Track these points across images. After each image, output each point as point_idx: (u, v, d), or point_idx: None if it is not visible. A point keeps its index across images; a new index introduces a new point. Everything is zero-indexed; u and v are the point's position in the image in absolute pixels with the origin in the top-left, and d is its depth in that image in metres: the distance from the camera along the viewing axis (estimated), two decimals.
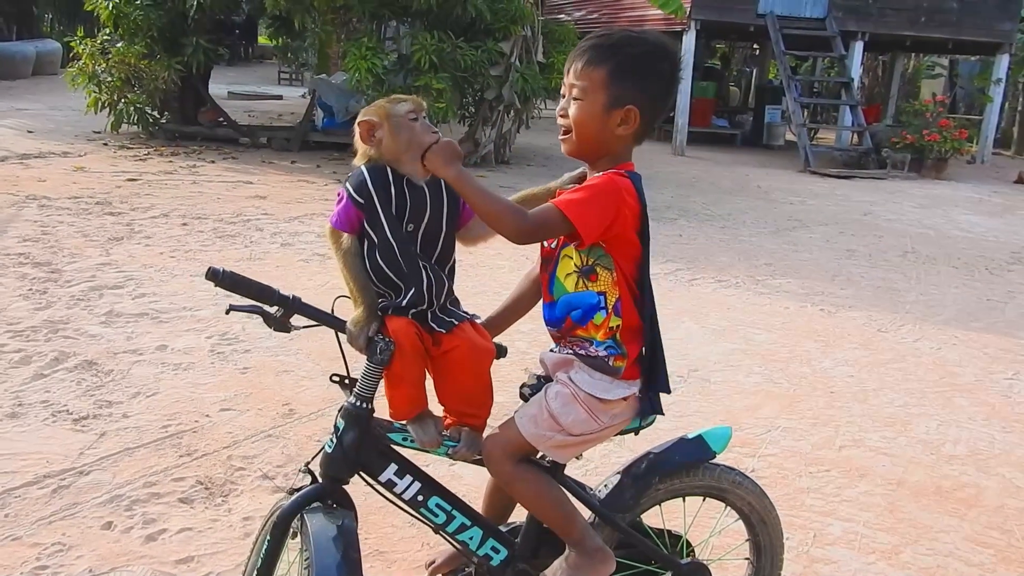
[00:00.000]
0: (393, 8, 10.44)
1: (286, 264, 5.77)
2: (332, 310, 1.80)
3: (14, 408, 3.35)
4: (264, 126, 12.74)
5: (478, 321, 1.90)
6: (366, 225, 1.75)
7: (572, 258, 1.75)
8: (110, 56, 10.89)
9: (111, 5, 10.80)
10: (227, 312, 1.77)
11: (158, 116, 11.60)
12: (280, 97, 19.47)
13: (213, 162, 10.07)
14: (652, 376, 1.82)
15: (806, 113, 16.49)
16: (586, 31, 17.27)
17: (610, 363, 1.77)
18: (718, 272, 6.48)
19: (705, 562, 2.05)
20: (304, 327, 1.80)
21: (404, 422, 1.81)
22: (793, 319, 5.42)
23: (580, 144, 1.75)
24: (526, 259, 3.45)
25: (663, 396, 1.86)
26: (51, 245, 5.83)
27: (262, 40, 29.78)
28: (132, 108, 11.12)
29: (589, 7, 17.73)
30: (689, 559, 2.03)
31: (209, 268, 1.70)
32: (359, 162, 1.78)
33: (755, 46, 22.00)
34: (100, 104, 11.05)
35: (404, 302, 1.76)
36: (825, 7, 14.45)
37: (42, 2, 25.15)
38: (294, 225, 7.01)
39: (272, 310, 1.76)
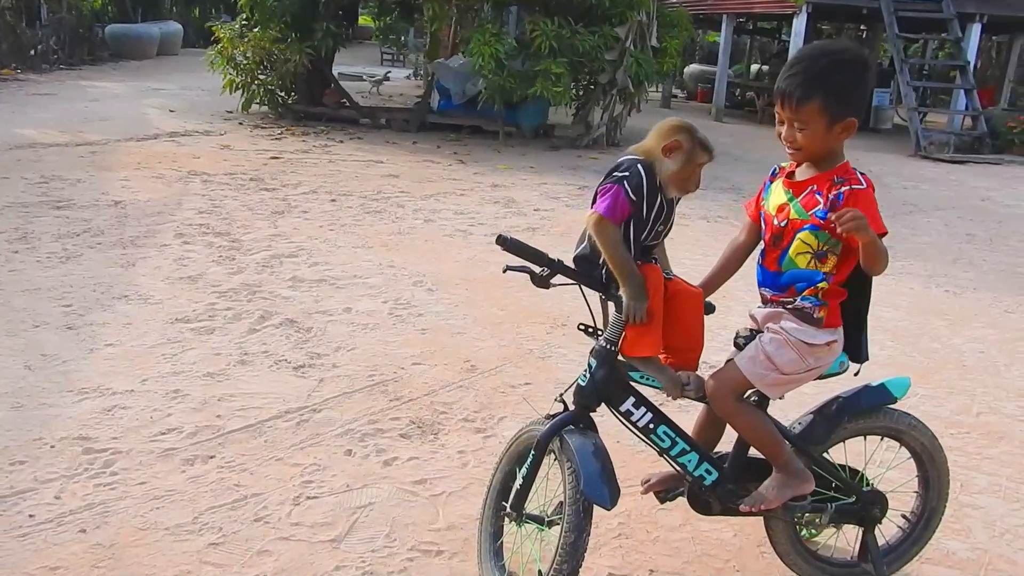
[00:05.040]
0: None
1: (433, 239, 6.25)
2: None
3: (242, 357, 3.92)
4: (383, 107, 13.34)
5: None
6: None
7: (809, 242, 2.11)
8: (247, 40, 11.61)
9: None
10: (504, 271, 2.21)
11: (286, 97, 12.33)
12: (387, 78, 20.13)
13: (342, 142, 10.71)
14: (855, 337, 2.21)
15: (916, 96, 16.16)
16: (697, 14, 17.04)
17: (814, 315, 2.15)
18: None
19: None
20: (560, 284, 2.22)
21: (646, 368, 2.21)
22: (919, 299, 5.63)
23: (809, 157, 2.13)
24: (705, 254, 3.76)
25: None
26: (224, 217, 6.48)
27: (362, 21, 30.64)
28: (263, 89, 11.86)
29: None
30: (868, 488, 2.39)
31: (499, 235, 2.13)
32: (635, 152, 2.17)
33: (862, 27, 21.54)
34: (235, 86, 11.82)
35: None
36: None
37: None
38: (431, 203, 7.52)
39: (539, 270, 2.19)
